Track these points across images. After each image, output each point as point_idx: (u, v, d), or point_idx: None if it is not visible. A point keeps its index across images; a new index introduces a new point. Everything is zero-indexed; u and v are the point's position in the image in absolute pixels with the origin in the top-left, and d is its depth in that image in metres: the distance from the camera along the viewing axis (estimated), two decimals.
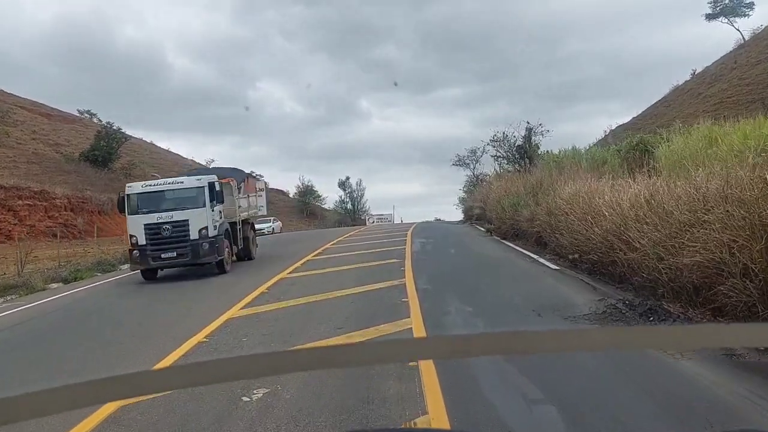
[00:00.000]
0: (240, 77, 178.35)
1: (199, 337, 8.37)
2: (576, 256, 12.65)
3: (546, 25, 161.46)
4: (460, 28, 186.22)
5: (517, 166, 32.16)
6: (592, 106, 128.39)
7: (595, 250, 11.47)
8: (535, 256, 14.92)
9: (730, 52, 65.14)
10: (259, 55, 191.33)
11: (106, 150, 62.92)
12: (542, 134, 32.39)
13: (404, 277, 12.65)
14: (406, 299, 10.12)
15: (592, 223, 11.75)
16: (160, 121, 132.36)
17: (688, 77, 69.05)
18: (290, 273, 14.50)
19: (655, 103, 69.48)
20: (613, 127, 64.32)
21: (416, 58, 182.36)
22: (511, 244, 18.15)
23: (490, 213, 23.96)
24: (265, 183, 63.35)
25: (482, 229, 25.03)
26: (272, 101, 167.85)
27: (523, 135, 32.48)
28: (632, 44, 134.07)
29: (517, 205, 18.77)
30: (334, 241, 23.41)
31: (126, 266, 20.62)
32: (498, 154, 33.11)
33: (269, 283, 12.92)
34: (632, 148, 22.94)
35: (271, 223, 42.88)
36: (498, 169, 35.61)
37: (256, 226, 43.19)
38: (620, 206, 10.93)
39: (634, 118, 67.95)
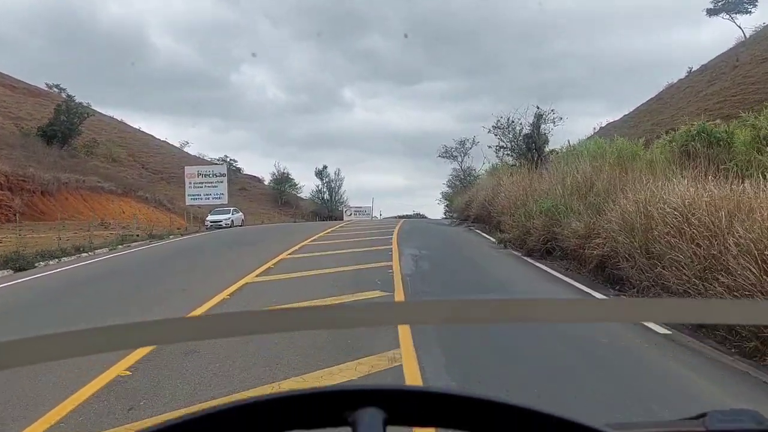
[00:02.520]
0: (224, 60, 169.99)
1: None
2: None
3: (533, 24, 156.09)
4: (447, 23, 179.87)
5: (523, 159, 26.00)
6: (575, 106, 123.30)
7: None
8: (604, 299, 8.75)
9: (730, 49, 60.09)
10: (244, 39, 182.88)
11: (67, 125, 55.39)
12: (554, 122, 26.21)
13: (398, 345, 6.38)
14: None
15: None
16: (139, 101, 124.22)
17: (682, 75, 64.05)
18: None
19: (648, 100, 64.29)
20: (603, 125, 59.00)
21: (402, 50, 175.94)
22: (546, 268, 11.95)
23: (502, 217, 17.73)
24: (229, 166, 56.67)
25: (489, 237, 18.75)
26: (255, 86, 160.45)
27: (530, 122, 26.28)
28: (616, 46, 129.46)
29: (556, 211, 12.58)
30: (297, 246, 16.98)
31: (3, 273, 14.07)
32: (501, 144, 26.82)
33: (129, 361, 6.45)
34: (691, 138, 16.91)
35: (230, 215, 35.51)
36: (498, 163, 29.49)
37: (212, 218, 36.68)
38: None
39: (625, 115, 62.79)
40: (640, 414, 4.44)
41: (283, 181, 71.01)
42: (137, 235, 23.98)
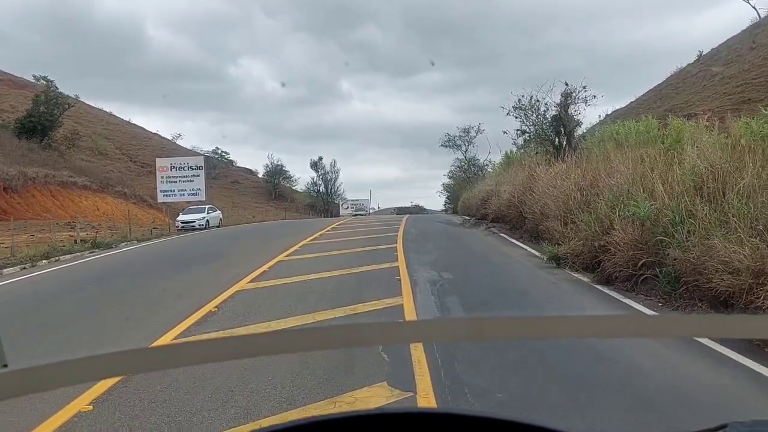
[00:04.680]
0: (221, 53, 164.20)
1: None
2: None
3: (528, 15, 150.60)
4: (443, 14, 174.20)
5: (549, 145, 21.03)
6: None
7: None
8: None
9: (743, 31, 55.07)
10: (241, 32, 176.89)
11: (46, 117, 50.07)
12: (585, 102, 21.21)
13: None
14: None
15: None
16: (136, 94, 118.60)
17: (691, 60, 58.98)
18: None
19: (657, 86, 59.18)
20: (609, 112, 54.18)
21: (398, 42, 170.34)
22: (652, 314, 7.15)
23: (545, 221, 12.75)
24: (221, 158, 51.28)
25: (525, 247, 13.75)
26: (252, 79, 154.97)
27: (557, 102, 21.26)
28: (616, 34, 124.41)
29: (661, 220, 7.63)
30: (267, 267, 11.97)
31: None
32: (524, 128, 21.77)
33: None
34: None
35: (204, 214, 29.77)
36: (515, 150, 24.54)
37: (183, 218, 29.07)
38: None
39: (631, 102, 57.76)
40: None
41: (276, 173, 65.82)
42: (78, 242, 18.93)
